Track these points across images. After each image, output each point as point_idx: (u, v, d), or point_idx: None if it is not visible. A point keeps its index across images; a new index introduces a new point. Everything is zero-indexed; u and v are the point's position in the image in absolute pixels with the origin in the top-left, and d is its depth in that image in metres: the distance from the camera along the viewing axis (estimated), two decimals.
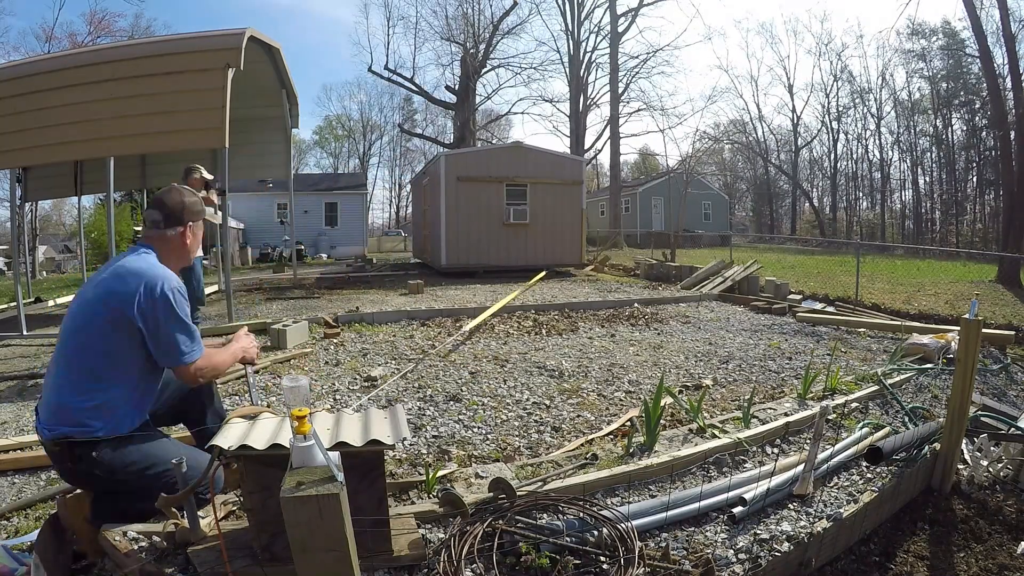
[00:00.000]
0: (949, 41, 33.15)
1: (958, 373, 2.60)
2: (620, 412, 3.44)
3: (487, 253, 12.89)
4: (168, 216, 2.00)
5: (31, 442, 3.00)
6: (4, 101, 6.25)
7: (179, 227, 2.03)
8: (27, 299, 8.88)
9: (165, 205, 2.01)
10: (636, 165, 50.92)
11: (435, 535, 1.98)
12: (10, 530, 2.14)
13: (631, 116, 32.76)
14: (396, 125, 52.03)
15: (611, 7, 27.36)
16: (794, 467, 2.45)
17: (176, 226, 2.02)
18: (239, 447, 1.59)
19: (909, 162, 40.04)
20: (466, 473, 2.52)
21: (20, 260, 8.45)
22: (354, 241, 24.89)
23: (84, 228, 12.34)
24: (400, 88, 32.84)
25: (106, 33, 25.96)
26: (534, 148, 13.70)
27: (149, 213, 2.03)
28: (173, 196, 2.04)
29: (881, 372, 4.11)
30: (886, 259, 19.87)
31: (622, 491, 2.38)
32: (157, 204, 2.02)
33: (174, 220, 2.01)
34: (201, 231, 2.15)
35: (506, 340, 5.69)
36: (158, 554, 1.84)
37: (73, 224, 31.13)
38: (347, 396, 3.82)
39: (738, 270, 10.20)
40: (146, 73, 6.22)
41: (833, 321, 6.76)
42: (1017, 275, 11.85)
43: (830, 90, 42.33)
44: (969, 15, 14.77)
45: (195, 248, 2.12)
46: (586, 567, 1.77)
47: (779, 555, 1.91)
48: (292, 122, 10.40)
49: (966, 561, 2.16)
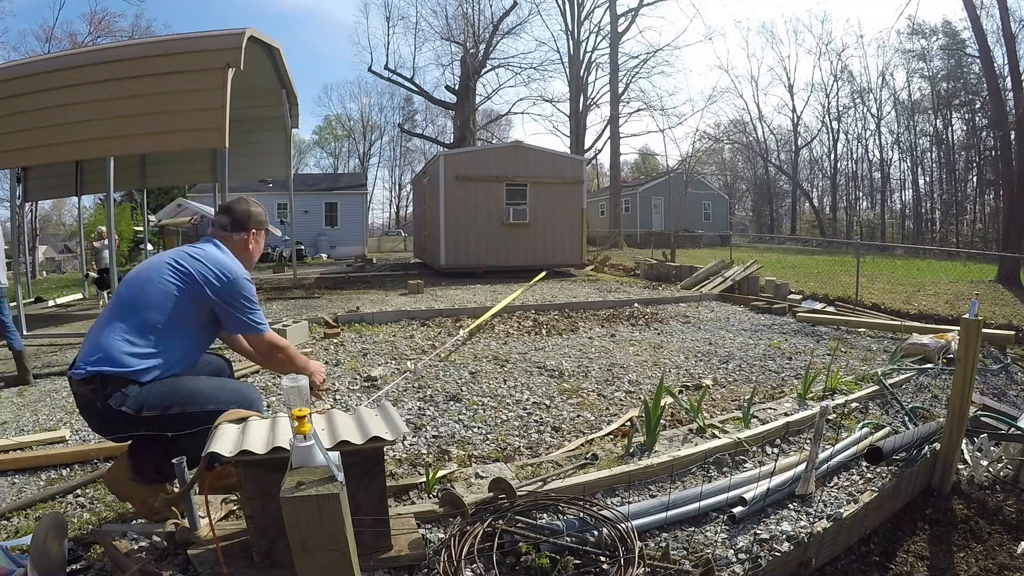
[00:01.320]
0: (949, 41, 33.14)
1: (958, 373, 2.60)
2: (620, 412, 3.44)
3: (487, 253, 12.88)
4: (235, 221, 2.17)
5: (31, 442, 3.00)
6: (4, 101, 6.25)
7: (244, 233, 2.19)
8: (27, 299, 8.88)
9: (233, 212, 2.18)
10: (636, 165, 50.88)
11: (435, 535, 1.98)
12: (10, 530, 2.14)
13: (631, 116, 32.80)
14: (396, 125, 52.01)
15: (611, 7, 27.37)
16: (794, 467, 2.45)
17: (241, 231, 2.18)
18: (239, 452, 1.58)
19: (909, 162, 40.06)
20: (466, 473, 2.52)
21: (20, 260, 8.45)
22: (354, 241, 24.89)
23: (84, 228, 12.32)
24: (400, 88, 32.91)
25: (106, 33, 26.00)
26: (534, 148, 13.67)
27: (218, 218, 2.20)
28: (241, 205, 2.22)
29: (881, 372, 4.10)
30: (886, 259, 19.88)
31: (622, 491, 2.37)
32: (226, 210, 2.20)
33: (239, 226, 2.18)
34: (263, 240, 2.31)
35: (506, 340, 5.69)
36: (158, 554, 1.84)
37: (73, 224, 31.13)
38: (347, 396, 3.82)
39: (738, 270, 10.20)
40: (146, 73, 6.22)
41: (833, 321, 6.76)
42: (1017, 275, 11.85)
43: (830, 90, 42.36)
44: (969, 15, 14.79)
45: (256, 254, 2.28)
46: (586, 567, 1.77)
47: (779, 555, 1.91)
48: (292, 122, 10.41)
49: (966, 561, 2.16)
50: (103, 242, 9.71)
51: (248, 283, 2.06)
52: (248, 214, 2.20)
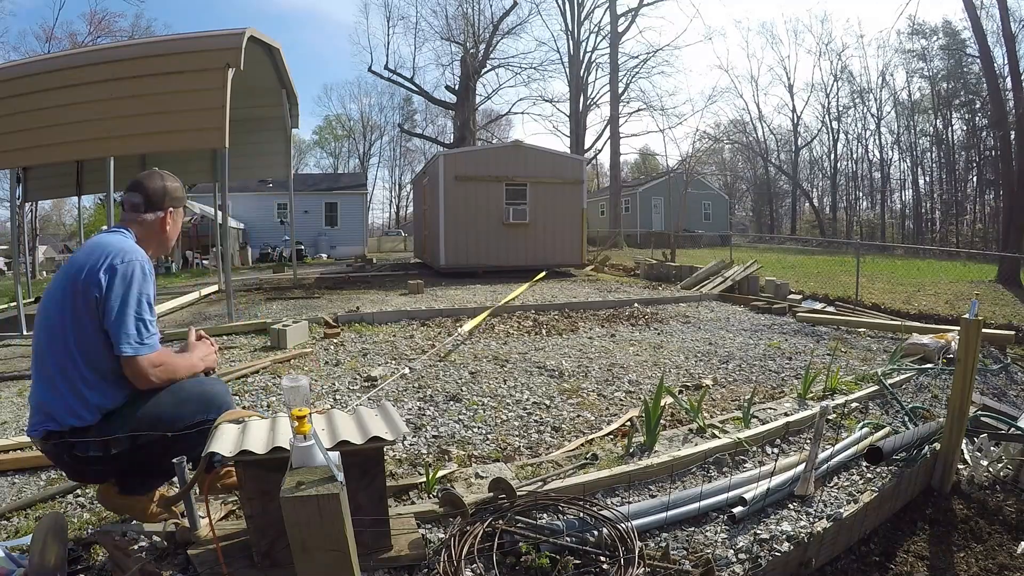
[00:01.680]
0: (950, 41, 33.17)
1: (958, 373, 2.60)
2: (620, 412, 3.44)
3: (487, 253, 12.87)
4: (148, 199, 1.93)
5: (30, 442, 3.00)
6: (4, 101, 6.25)
7: (159, 212, 1.95)
8: (27, 299, 8.87)
9: (145, 188, 1.93)
10: (636, 165, 50.91)
11: (435, 535, 1.98)
12: (10, 530, 2.14)
13: (631, 116, 32.80)
14: (396, 125, 52.07)
15: (611, 7, 27.40)
16: (794, 467, 2.45)
17: (156, 210, 1.95)
18: (239, 452, 1.58)
19: (909, 162, 40.11)
20: (466, 473, 2.52)
21: (20, 260, 8.45)
22: (354, 241, 24.90)
23: (84, 228, 12.34)
24: (400, 88, 32.92)
25: (106, 33, 26.01)
26: (534, 147, 13.67)
27: (128, 196, 1.94)
28: (154, 180, 1.96)
29: (881, 372, 4.10)
30: (886, 259, 19.88)
31: (622, 491, 2.37)
32: (137, 187, 1.94)
33: (153, 204, 1.94)
34: (181, 218, 2.08)
35: (506, 340, 5.69)
36: (158, 554, 1.84)
37: (73, 224, 31.16)
38: (347, 396, 3.82)
39: (738, 270, 10.20)
40: (146, 73, 6.23)
41: (833, 321, 6.76)
42: (1017, 275, 11.85)
43: (830, 90, 42.42)
44: (969, 15, 14.81)
45: (174, 235, 2.04)
46: (586, 567, 1.77)
47: (779, 555, 1.91)
48: (292, 122, 10.41)
49: (966, 561, 2.16)
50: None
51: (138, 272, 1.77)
52: (164, 190, 1.95)
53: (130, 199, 1.94)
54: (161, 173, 2.01)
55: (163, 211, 1.96)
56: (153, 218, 1.95)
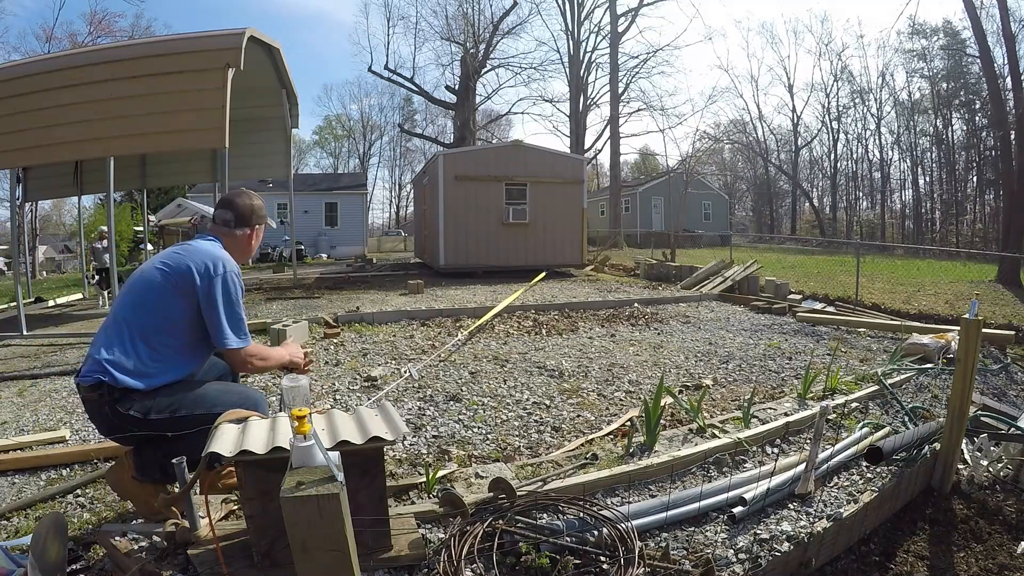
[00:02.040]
0: (950, 41, 33.14)
1: (958, 373, 2.60)
2: (620, 412, 3.44)
3: (487, 253, 12.86)
4: (239, 216, 2.14)
5: (31, 442, 3.00)
6: (4, 101, 6.25)
7: (247, 228, 2.17)
8: (27, 299, 8.88)
9: (237, 207, 2.15)
10: (636, 165, 50.85)
11: (435, 535, 1.98)
12: (10, 530, 2.14)
13: (631, 116, 32.79)
14: (396, 125, 52.02)
15: (611, 7, 27.35)
16: (794, 467, 2.45)
17: (244, 227, 2.16)
18: (239, 452, 1.58)
19: (909, 162, 40.06)
20: (466, 473, 2.52)
21: (20, 260, 8.45)
22: (354, 241, 24.89)
23: (84, 228, 12.33)
24: (400, 88, 32.89)
25: (106, 33, 25.95)
26: (534, 147, 13.65)
27: (220, 213, 2.15)
28: (244, 199, 2.18)
29: (881, 372, 4.10)
30: (886, 259, 19.88)
31: (622, 491, 2.37)
32: (228, 205, 2.15)
33: (243, 221, 2.15)
34: (262, 234, 2.29)
35: (506, 340, 5.69)
36: (158, 554, 1.84)
37: (73, 224, 31.12)
38: (347, 396, 3.82)
39: (738, 270, 10.20)
40: (146, 73, 6.22)
41: (833, 321, 6.76)
42: (1017, 275, 11.85)
43: (830, 90, 42.35)
44: (969, 15, 14.79)
45: (256, 248, 2.26)
46: (586, 567, 1.77)
47: (779, 555, 1.91)
48: (292, 122, 10.41)
49: (966, 561, 2.16)
50: (103, 243, 9.72)
51: (236, 280, 2.02)
52: (251, 208, 2.17)
53: (222, 215, 2.15)
54: (249, 193, 2.23)
55: (250, 228, 2.19)
56: (241, 233, 2.17)
